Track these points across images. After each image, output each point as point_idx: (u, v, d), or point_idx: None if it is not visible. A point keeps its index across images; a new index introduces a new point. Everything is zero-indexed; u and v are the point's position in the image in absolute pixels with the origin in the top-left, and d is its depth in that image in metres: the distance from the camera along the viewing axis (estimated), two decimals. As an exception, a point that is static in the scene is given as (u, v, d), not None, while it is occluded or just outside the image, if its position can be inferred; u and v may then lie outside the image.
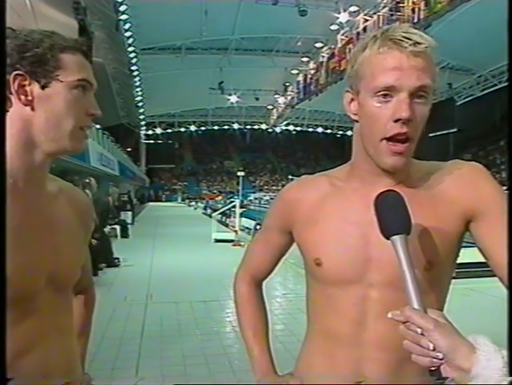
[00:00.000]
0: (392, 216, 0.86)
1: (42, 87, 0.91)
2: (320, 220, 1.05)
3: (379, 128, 0.93)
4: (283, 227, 1.15)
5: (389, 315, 0.79)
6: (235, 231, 13.01)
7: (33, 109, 0.91)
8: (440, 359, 0.72)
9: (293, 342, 4.39)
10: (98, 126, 18.74)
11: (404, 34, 0.90)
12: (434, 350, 0.72)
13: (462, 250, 1.04)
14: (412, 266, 0.81)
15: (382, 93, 0.91)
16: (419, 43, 0.89)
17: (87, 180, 8.39)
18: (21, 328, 0.90)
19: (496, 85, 29.20)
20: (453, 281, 1.08)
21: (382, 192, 0.89)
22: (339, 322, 1.02)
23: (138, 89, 31.49)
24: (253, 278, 1.29)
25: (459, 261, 1.05)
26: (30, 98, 0.90)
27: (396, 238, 0.83)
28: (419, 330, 0.74)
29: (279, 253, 1.23)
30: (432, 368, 0.73)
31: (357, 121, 1.01)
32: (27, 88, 0.90)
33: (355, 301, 1.00)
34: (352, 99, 1.00)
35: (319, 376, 1.06)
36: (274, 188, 57.20)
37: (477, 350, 0.71)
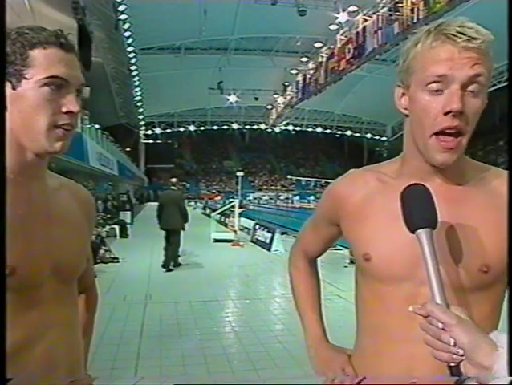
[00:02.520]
0: (417, 210, 0.84)
1: (13, 87, 0.89)
2: (369, 216, 1.04)
3: (429, 122, 0.91)
4: (331, 220, 1.17)
5: (410, 309, 0.78)
6: (234, 231, 12.99)
7: (8, 110, 0.89)
8: (461, 356, 0.71)
9: (292, 342, 4.39)
10: (97, 126, 18.73)
11: (459, 29, 0.88)
12: (455, 345, 0.71)
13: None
14: (436, 261, 0.80)
15: (433, 85, 0.89)
16: (474, 38, 0.88)
17: (174, 180, 9.43)
18: (26, 318, 0.90)
19: (495, 85, 29.18)
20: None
21: (409, 186, 0.88)
22: (388, 319, 1.00)
23: (137, 89, 31.47)
24: (307, 256, 1.33)
25: None
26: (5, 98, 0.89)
27: (421, 232, 0.82)
28: (440, 325, 0.73)
29: (329, 240, 1.26)
30: (452, 364, 0.72)
31: (407, 116, 0.99)
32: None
33: (405, 298, 0.97)
34: (403, 94, 0.99)
35: (372, 378, 1.04)
36: (273, 187, 57.20)
37: (499, 347, 0.69)
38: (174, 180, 9.69)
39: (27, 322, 0.90)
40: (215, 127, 51.56)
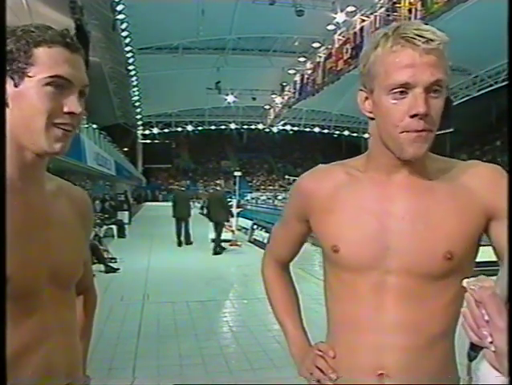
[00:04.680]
0: None
1: (16, 85, 0.88)
2: (337, 209, 1.07)
3: (395, 124, 0.94)
4: (301, 216, 1.17)
5: (464, 284, 0.72)
6: (232, 231, 12.98)
7: (9, 107, 0.88)
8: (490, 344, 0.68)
9: (290, 342, 4.39)
10: (94, 126, 18.69)
11: (416, 32, 0.91)
12: (491, 342, 0.67)
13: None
14: None
15: (398, 90, 0.93)
16: (432, 40, 0.90)
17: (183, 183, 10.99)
18: (24, 326, 0.90)
19: (492, 85, 29.27)
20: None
21: None
22: (357, 308, 1.04)
23: (135, 89, 31.38)
24: (278, 262, 1.33)
25: None
26: (5, 96, 0.88)
27: None
28: (486, 317, 0.68)
29: (300, 239, 1.26)
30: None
31: (373, 118, 1.02)
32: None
33: (372, 288, 1.01)
34: (367, 98, 1.01)
35: (342, 370, 1.07)
36: (270, 188, 57.14)
37: None
38: (184, 182, 11.97)
39: (25, 329, 0.90)
40: (213, 127, 51.42)
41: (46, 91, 0.88)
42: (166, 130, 50.61)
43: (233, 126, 51.66)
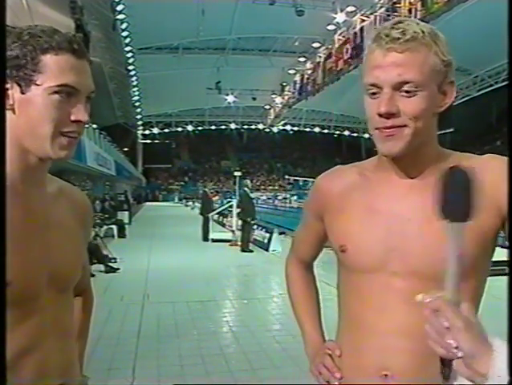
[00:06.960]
0: (454, 201, 0.77)
1: (22, 92, 0.87)
2: (347, 209, 1.08)
3: (370, 121, 0.97)
4: (317, 214, 1.19)
5: (419, 298, 0.76)
6: (232, 231, 12.98)
7: (15, 114, 0.88)
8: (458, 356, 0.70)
9: (290, 343, 4.38)
10: (95, 126, 18.68)
11: (386, 31, 0.92)
12: (457, 348, 0.70)
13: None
14: (459, 257, 0.76)
15: (370, 90, 0.95)
16: (397, 39, 0.90)
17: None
18: (23, 328, 0.89)
19: (492, 85, 29.29)
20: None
21: (453, 168, 0.79)
22: (362, 309, 1.04)
23: (135, 89, 31.42)
24: (301, 262, 1.33)
25: None
26: (11, 102, 0.87)
27: (453, 225, 0.76)
28: (446, 324, 0.71)
29: (319, 238, 1.25)
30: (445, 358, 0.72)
31: None
32: (9, 92, 0.87)
33: (377, 289, 1.01)
34: None
35: (347, 370, 1.08)
36: (270, 188, 57.19)
37: (494, 352, 0.69)
38: (207, 189, 15.79)
39: (22, 333, 0.89)
40: (213, 127, 51.48)
41: (54, 100, 0.88)
42: (166, 130, 50.66)
43: (233, 126, 51.71)
